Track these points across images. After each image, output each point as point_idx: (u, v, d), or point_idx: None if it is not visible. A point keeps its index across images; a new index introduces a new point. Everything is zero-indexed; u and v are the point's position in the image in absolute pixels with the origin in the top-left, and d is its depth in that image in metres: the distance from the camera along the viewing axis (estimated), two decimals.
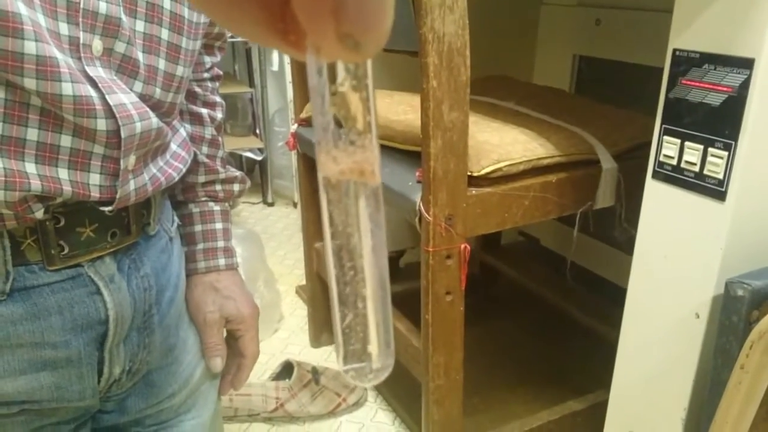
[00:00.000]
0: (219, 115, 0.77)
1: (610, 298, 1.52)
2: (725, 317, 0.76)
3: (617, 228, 1.18)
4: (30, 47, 0.46)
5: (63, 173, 0.52)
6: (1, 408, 0.55)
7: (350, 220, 0.18)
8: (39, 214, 0.51)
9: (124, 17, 0.53)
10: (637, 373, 0.97)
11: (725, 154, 0.77)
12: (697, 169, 0.80)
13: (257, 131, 2.68)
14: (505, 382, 1.49)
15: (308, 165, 1.56)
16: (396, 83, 1.45)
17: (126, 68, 0.54)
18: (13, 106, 0.48)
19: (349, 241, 0.18)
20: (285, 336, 1.80)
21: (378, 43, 0.15)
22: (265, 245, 1.95)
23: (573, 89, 1.77)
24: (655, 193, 0.87)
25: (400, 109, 1.23)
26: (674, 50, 0.82)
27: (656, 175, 0.87)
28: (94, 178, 0.54)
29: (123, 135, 0.53)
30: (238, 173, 0.79)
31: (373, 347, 0.20)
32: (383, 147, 1.19)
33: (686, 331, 0.86)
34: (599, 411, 1.10)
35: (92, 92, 0.50)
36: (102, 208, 0.56)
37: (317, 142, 0.17)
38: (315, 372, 1.51)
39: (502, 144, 1.06)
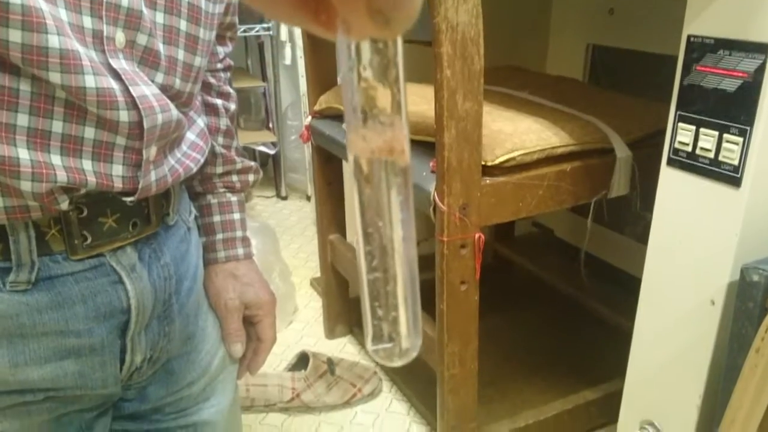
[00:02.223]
0: (232, 105, 0.78)
1: (624, 287, 1.51)
2: (741, 303, 0.76)
3: (633, 216, 1.17)
4: (53, 41, 0.47)
5: (87, 164, 0.53)
6: (26, 395, 0.57)
7: (381, 204, 0.18)
8: (64, 205, 0.53)
9: (144, 10, 0.54)
10: (652, 360, 0.97)
11: (740, 140, 0.76)
12: (712, 155, 0.80)
13: (270, 125, 2.69)
14: (519, 372, 1.49)
15: (322, 157, 1.57)
16: (408, 74, 1.45)
17: (148, 60, 0.55)
18: (38, 99, 0.49)
19: (380, 225, 0.19)
20: (300, 327, 1.82)
21: (408, 20, 0.15)
22: (279, 238, 1.96)
23: (586, 78, 1.76)
24: (669, 181, 0.87)
25: (413, 100, 1.23)
26: (688, 36, 0.81)
27: (671, 162, 0.86)
28: (117, 169, 0.55)
29: (145, 126, 0.54)
30: (252, 163, 0.80)
31: (402, 328, 0.21)
32: None
33: (702, 317, 0.85)
34: (614, 400, 1.11)
35: (114, 84, 0.51)
36: (124, 199, 0.57)
37: (347, 121, 0.17)
38: (330, 363, 1.52)
39: (515, 133, 1.06)
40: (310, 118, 1.51)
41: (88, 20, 0.50)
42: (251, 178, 0.80)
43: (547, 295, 1.78)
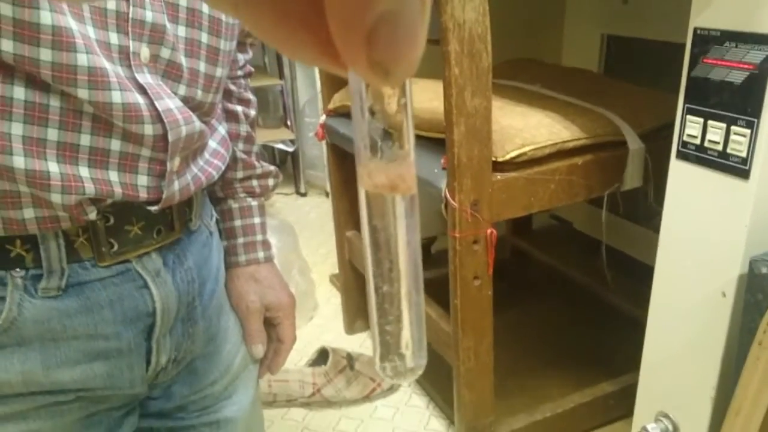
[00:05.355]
0: (252, 111, 0.80)
1: (644, 279, 1.51)
2: (750, 295, 0.76)
3: (650, 207, 1.18)
4: (82, 59, 0.49)
5: (113, 176, 0.55)
6: (58, 395, 0.60)
7: (388, 226, 0.19)
8: (92, 215, 0.55)
9: (167, 24, 0.56)
10: (665, 352, 0.98)
11: (748, 131, 0.77)
12: (720, 147, 0.81)
13: (288, 123, 2.72)
14: (537, 365, 1.50)
15: (337, 155, 1.59)
16: (420, 70, 1.46)
17: (171, 73, 0.57)
18: (67, 114, 0.51)
19: (388, 248, 0.20)
20: (320, 323, 1.85)
21: (407, 72, 0.15)
22: (299, 235, 1.99)
23: (602, 69, 1.76)
24: (679, 173, 0.88)
25: (425, 97, 1.24)
26: (695, 29, 0.82)
27: (680, 155, 0.87)
28: (142, 180, 0.57)
29: (170, 139, 0.56)
30: (272, 168, 0.82)
31: (407, 348, 0.22)
32: None
33: (713, 309, 0.86)
34: (631, 392, 1.11)
35: (140, 99, 0.54)
36: (148, 208, 0.59)
37: (356, 156, 0.18)
38: (350, 358, 1.54)
39: (526, 128, 1.07)
40: (324, 116, 1.53)
41: (114, 36, 0.53)
42: (271, 182, 0.82)
43: (566, 287, 1.78)
